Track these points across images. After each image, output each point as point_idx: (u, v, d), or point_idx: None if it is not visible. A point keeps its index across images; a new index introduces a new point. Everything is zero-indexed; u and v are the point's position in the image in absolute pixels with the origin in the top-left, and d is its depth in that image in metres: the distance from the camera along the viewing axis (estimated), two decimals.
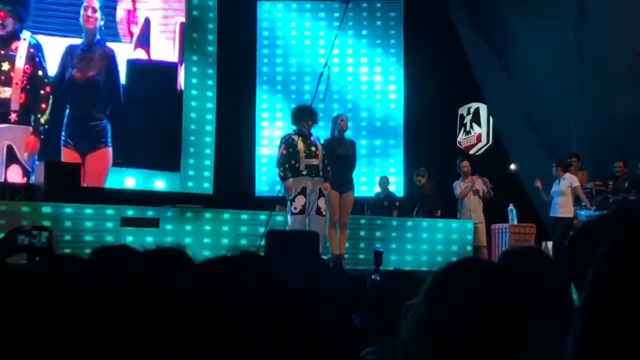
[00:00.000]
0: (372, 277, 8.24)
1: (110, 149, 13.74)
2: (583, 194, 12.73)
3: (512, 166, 15.84)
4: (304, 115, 10.46)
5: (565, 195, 12.53)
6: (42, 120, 13.30)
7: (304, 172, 10.26)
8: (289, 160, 10.30)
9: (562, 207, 12.55)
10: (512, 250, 2.92)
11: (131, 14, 14.22)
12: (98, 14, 13.73)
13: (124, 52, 14.07)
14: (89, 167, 13.43)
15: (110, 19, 13.99)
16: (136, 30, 14.25)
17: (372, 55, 15.93)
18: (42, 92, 13.36)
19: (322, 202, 10.33)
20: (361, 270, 10.62)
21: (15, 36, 13.23)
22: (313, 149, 10.38)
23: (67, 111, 13.52)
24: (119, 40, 14.09)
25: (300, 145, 10.32)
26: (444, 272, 1.84)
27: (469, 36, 15.45)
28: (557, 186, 12.65)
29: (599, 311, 1.43)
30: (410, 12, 15.87)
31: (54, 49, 13.54)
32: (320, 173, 10.41)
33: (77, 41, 13.70)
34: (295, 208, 10.27)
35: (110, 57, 13.87)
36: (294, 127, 10.57)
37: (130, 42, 14.21)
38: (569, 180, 12.57)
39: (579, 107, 14.24)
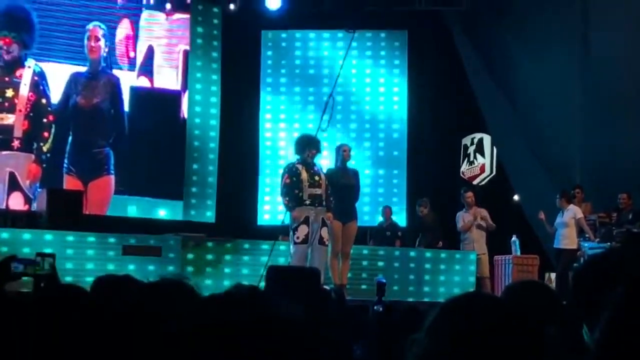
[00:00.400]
0: (375, 308, 8.20)
1: (112, 177, 13.74)
2: (587, 225, 12.72)
3: (516, 197, 15.82)
4: (308, 145, 10.49)
5: (568, 227, 12.52)
6: (45, 149, 13.31)
7: (307, 202, 10.27)
8: (292, 190, 10.32)
9: (566, 239, 12.54)
10: (515, 284, 2.91)
11: (134, 42, 14.27)
12: (102, 42, 13.78)
13: (127, 80, 14.11)
14: (91, 194, 13.43)
15: (114, 47, 14.04)
16: (139, 58, 14.30)
17: (376, 85, 15.97)
18: (45, 120, 13.38)
19: (324, 232, 10.33)
20: (363, 301, 10.57)
21: (19, 63, 13.27)
22: (316, 178, 10.40)
23: (70, 138, 13.54)
24: (123, 68, 14.14)
25: (304, 175, 10.34)
26: (447, 306, 1.83)
27: (473, 67, 15.49)
28: (560, 217, 12.64)
29: (615, 353, 1.43)
30: (414, 41, 15.93)
31: (58, 76, 13.58)
32: (324, 203, 10.42)
33: (82, 69, 13.74)
34: (297, 237, 10.27)
35: (115, 85, 13.92)
36: (297, 157, 10.59)
37: (134, 70, 14.26)
38: (572, 212, 12.56)
39: (583, 139, 14.24)
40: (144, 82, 14.32)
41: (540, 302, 2.71)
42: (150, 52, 14.40)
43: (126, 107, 14.02)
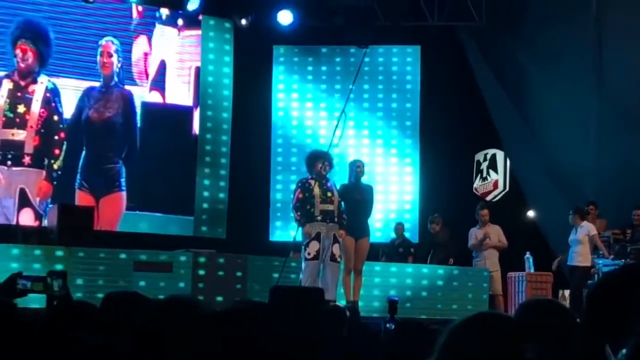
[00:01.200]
0: (387, 326, 8.18)
1: (124, 193, 13.78)
2: (600, 242, 12.65)
3: (530, 213, 15.77)
4: (318, 159, 10.51)
5: (582, 244, 12.45)
6: (56, 166, 13.36)
7: (319, 218, 10.27)
8: (304, 205, 10.32)
9: (580, 256, 12.47)
10: (528, 302, 2.88)
11: (147, 57, 14.32)
12: (114, 58, 13.84)
13: (139, 95, 14.15)
14: (103, 210, 13.46)
15: (126, 62, 14.08)
16: (152, 73, 14.35)
17: (388, 100, 15.96)
18: (56, 137, 13.44)
19: (336, 249, 10.32)
20: (375, 318, 10.54)
21: (33, 79, 13.34)
22: (329, 194, 10.41)
23: (83, 153, 13.58)
24: (135, 83, 14.18)
25: (317, 190, 10.35)
26: (459, 327, 1.82)
27: (486, 82, 15.47)
28: (574, 235, 12.58)
29: None
30: (427, 57, 15.92)
31: (72, 92, 13.63)
32: (335, 219, 10.41)
33: (96, 84, 13.80)
34: (309, 254, 10.26)
35: (128, 99, 13.98)
36: (307, 174, 10.61)
37: (146, 85, 14.29)
38: (586, 229, 12.50)
39: (597, 154, 14.19)
40: (155, 96, 14.37)
41: (554, 321, 2.69)
42: (162, 67, 14.45)
43: (138, 123, 14.05)
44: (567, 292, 13.12)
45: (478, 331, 1.77)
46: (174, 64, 14.60)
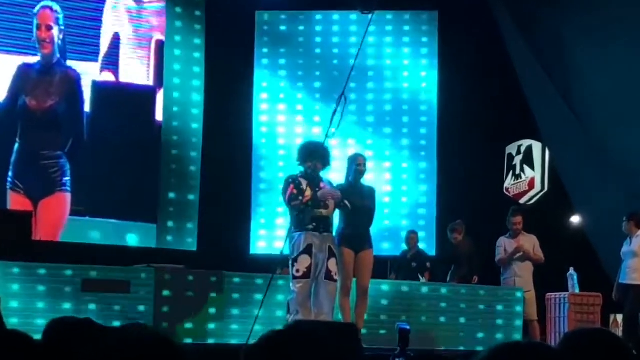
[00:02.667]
0: None
1: (68, 195, 13.79)
2: None
3: (575, 219, 15.81)
4: (312, 156, 10.47)
5: (638, 257, 12.48)
6: None
7: (310, 227, 10.26)
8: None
9: (635, 272, 12.49)
10: (575, 334, 2.88)
11: (97, 28, 14.30)
12: (55, 31, 13.78)
13: (89, 74, 14.13)
14: (43, 216, 13.46)
15: (72, 31, 14.03)
16: (103, 48, 14.32)
17: (399, 79, 15.99)
18: None
19: (332, 264, 10.32)
20: (382, 350, 10.57)
21: None
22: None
23: (17, 146, 13.59)
24: (83, 58, 14.15)
25: (308, 193, 10.34)
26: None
27: (522, 60, 15.50)
28: (628, 246, 12.62)
29: None
30: (447, 25, 15.96)
31: (3, 69, 13.62)
32: (331, 228, 10.41)
33: (33, 60, 13.78)
34: (297, 271, 10.26)
35: (74, 82, 13.98)
36: (300, 168, 10.58)
37: (96, 61, 14.27)
38: None
39: None
40: (108, 75, 14.35)
41: (606, 356, 2.69)
42: (115, 40, 14.42)
43: (87, 108, 14.04)
44: (620, 317, 13.16)
45: None
46: (130, 35, 14.56)
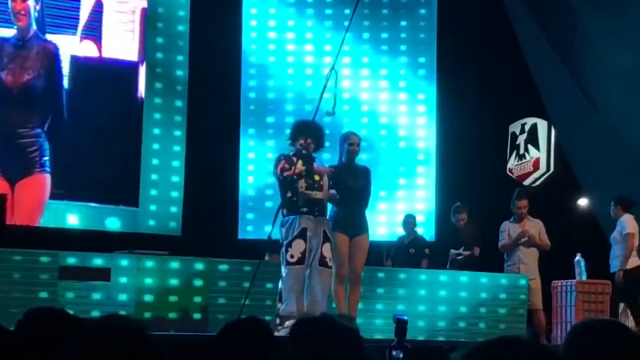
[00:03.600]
0: (393, 353, 8.19)
1: (47, 176, 13.76)
2: (631, 247, 12.82)
3: (582, 202, 15.82)
4: (304, 133, 10.45)
5: (617, 244, 12.91)
6: None
7: (304, 209, 10.24)
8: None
9: (614, 259, 12.84)
10: (581, 326, 2.85)
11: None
12: (30, 2, 13.73)
13: (68, 47, 14.09)
14: (19, 198, 13.46)
15: (50, 4, 13.99)
16: (83, 17, 14.27)
17: (395, 52, 15.96)
18: None
19: (326, 250, 10.31)
20: (378, 341, 10.56)
21: None
22: (316, 177, 10.38)
23: None
24: (62, 32, 14.10)
25: (300, 166, 10.31)
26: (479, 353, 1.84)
27: (527, 31, 15.47)
28: (614, 231, 12.94)
29: None
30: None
31: None
32: (326, 211, 10.40)
33: (8, 32, 13.73)
34: (292, 256, 10.24)
35: (53, 55, 13.95)
36: (292, 148, 10.57)
37: (75, 34, 14.22)
38: (622, 225, 12.79)
39: None
40: (89, 48, 14.30)
41: (616, 350, 2.67)
42: (98, 8, 14.36)
43: (66, 84, 14.00)
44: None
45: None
46: (113, 4, 14.51)
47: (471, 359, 1.86)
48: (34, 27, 13.84)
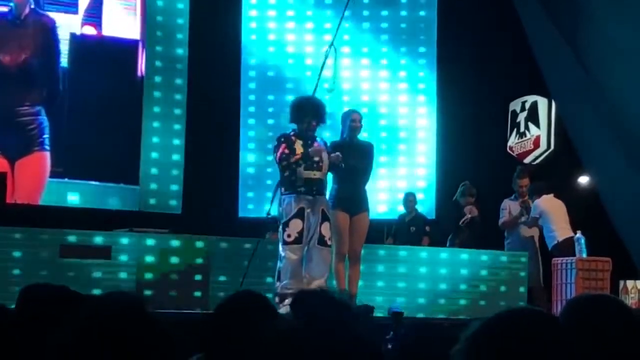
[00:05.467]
0: (388, 347, 8.21)
1: (47, 154, 13.77)
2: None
3: (583, 180, 15.82)
4: (306, 113, 10.48)
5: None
6: None
7: (302, 189, 10.27)
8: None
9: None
10: (578, 300, 2.89)
11: None
12: None
13: (67, 26, 14.09)
14: (19, 176, 13.47)
15: None
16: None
17: (396, 30, 15.95)
18: None
19: (325, 229, 10.35)
20: (378, 319, 10.61)
21: None
22: (315, 158, 10.40)
23: None
24: (62, 10, 14.10)
25: (299, 151, 10.34)
26: (485, 330, 1.85)
27: (527, 6, 15.44)
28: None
29: None
30: None
31: None
32: (324, 190, 10.43)
33: (4, 9, 13.73)
34: (289, 235, 10.28)
35: (49, 31, 13.93)
36: (293, 127, 10.59)
37: (76, 13, 14.21)
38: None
39: None
40: (89, 30, 14.30)
41: (613, 325, 2.70)
42: None
43: (65, 62, 14.00)
44: (630, 283, 13.22)
45: (509, 334, 1.81)
46: None
47: (483, 334, 1.89)
48: (32, 3, 13.81)
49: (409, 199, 14.79)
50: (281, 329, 2.01)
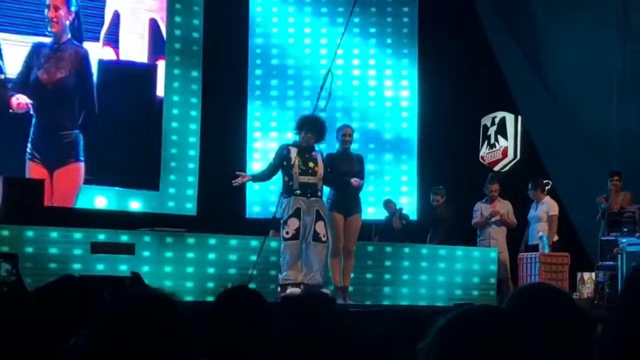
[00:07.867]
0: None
1: (82, 164, 13.84)
2: (555, 226, 13.15)
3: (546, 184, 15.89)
4: (305, 128, 10.59)
5: (542, 222, 13.20)
6: None
7: (298, 192, 10.37)
8: (273, 171, 10.56)
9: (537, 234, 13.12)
10: (522, 290, 2.94)
11: (101, 8, 14.31)
12: (63, 11, 13.77)
13: (95, 52, 14.16)
14: (58, 184, 13.52)
15: (83, 12, 14.03)
16: (105, 25, 14.32)
17: (382, 57, 16.01)
18: None
19: (320, 227, 10.44)
20: (368, 307, 10.68)
21: None
22: (311, 164, 10.50)
23: (34, 120, 13.61)
24: (91, 39, 14.15)
25: (296, 160, 10.44)
26: (451, 325, 1.94)
27: (496, 34, 15.53)
28: (534, 211, 13.29)
29: None
30: (426, 6, 15.94)
31: (16, 47, 13.61)
32: (319, 193, 10.52)
33: (46, 40, 13.81)
34: (287, 233, 10.40)
35: (83, 57, 13.99)
36: (296, 138, 10.74)
37: (98, 41, 14.28)
38: (547, 205, 13.10)
39: (622, 119, 14.31)
40: (108, 52, 14.36)
41: (548, 310, 2.73)
42: (116, 19, 14.42)
43: (95, 84, 14.05)
44: (586, 275, 13.30)
45: (471, 328, 1.88)
46: (129, 14, 14.54)
47: (447, 331, 1.97)
48: (68, 34, 13.87)
49: (389, 205, 14.89)
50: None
